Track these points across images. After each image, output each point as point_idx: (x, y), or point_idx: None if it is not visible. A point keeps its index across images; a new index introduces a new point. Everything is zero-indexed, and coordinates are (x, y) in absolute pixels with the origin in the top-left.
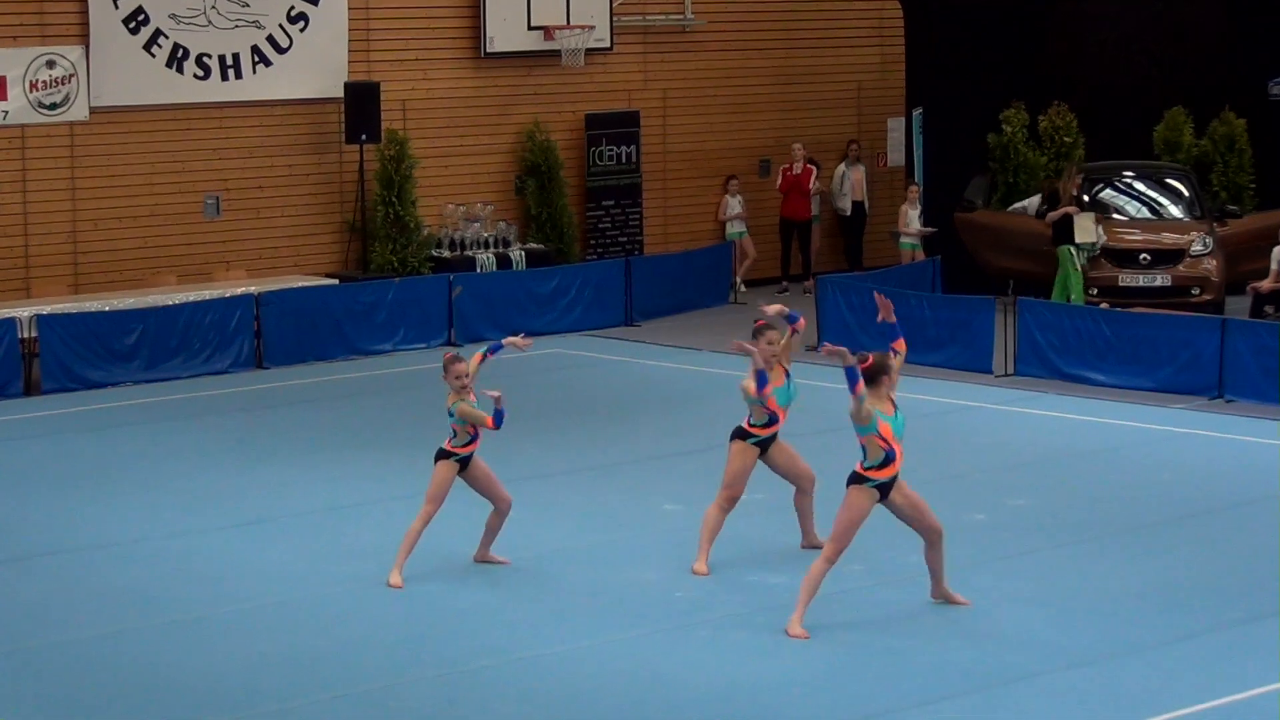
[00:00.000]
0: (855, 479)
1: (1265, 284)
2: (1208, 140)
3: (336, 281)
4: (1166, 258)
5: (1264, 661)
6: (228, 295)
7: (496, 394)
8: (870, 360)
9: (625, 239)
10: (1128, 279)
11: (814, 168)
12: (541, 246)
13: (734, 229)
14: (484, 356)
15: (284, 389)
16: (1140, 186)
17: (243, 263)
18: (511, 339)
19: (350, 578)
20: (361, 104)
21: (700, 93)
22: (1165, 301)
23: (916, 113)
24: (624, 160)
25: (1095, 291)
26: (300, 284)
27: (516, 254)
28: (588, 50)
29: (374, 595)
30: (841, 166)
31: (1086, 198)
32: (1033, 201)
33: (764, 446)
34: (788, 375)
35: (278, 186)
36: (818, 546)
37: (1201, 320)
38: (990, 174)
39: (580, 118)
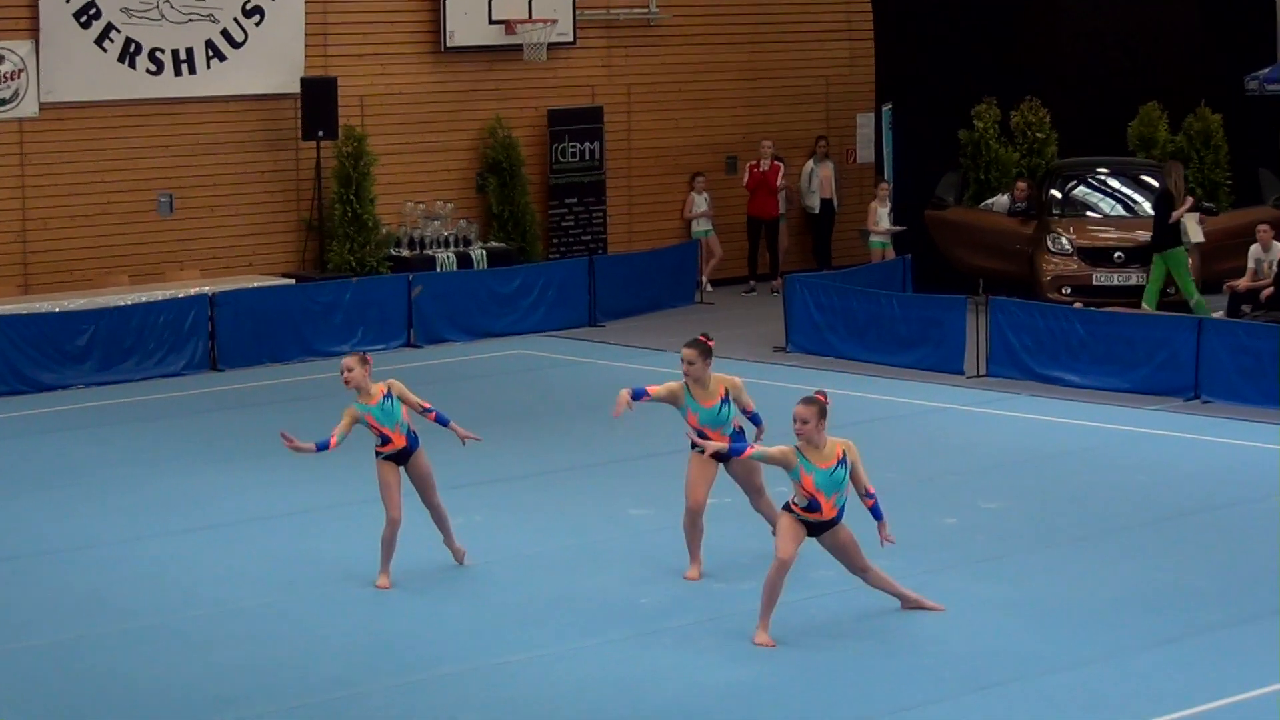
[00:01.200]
0: (786, 508)
1: (1242, 283)
2: (1183, 136)
3: (293, 281)
4: (1141, 256)
5: (1244, 666)
6: (181, 295)
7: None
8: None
9: (589, 237)
10: (1102, 278)
11: (781, 164)
12: (503, 245)
13: (700, 227)
14: (427, 412)
15: (239, 391)
16: (1114, 183)
17: (197, 262)
18: (459, 430)
19: (309, 584)
20: (318, 100)
21: (665, 88)
22: (1140, 301)
23: (886, 108)
24: (587, 157)
25: (1068, 290)
26: (256, 284)
27: (477, 253)
28: (550, 45)
29: (333, 602)
30: (810, 163)
31: (1059, 194)
32: (1002, 199)
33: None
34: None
35: (233, 184)
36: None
37: (1177, 320)
38: (962, 171)
39: (543, 114)
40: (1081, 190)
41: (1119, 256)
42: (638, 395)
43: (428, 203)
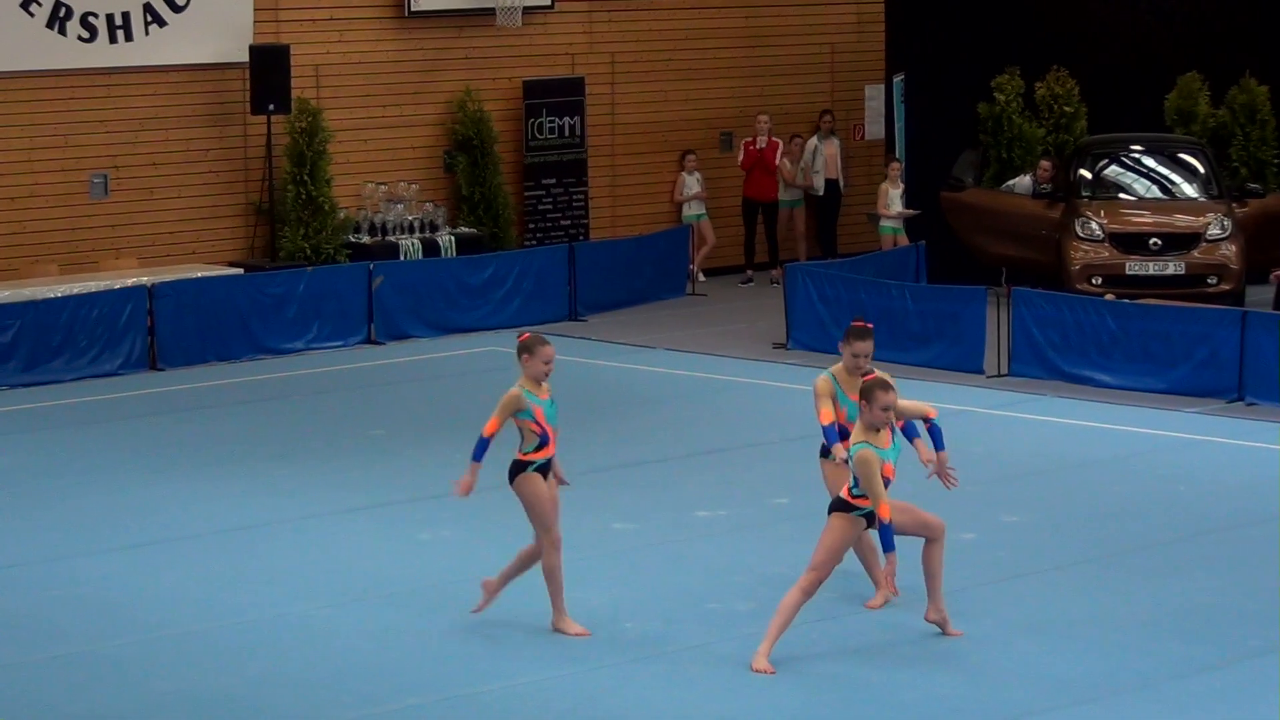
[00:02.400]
0: (840, 505)
1: None
2: (1226, 110)
3: (241, 271)
4: (1180, 242)
5: None
6: (117, 287)
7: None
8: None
9: (569, 222)
10: (1136, 267)
11: (780, 142)
12: (474, 231)
13: (691, 211)
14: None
15: (181, 393)
16: (1150, 163)
17: (134, 250)
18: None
19: (260, 606)
20: (269, 70)
21: (653, 57)
22: (1178, 292)
23: (898, 79)
24: (567, 133)
25: (1098, 281)
26: (199, 274)
27: (445, 239)
28: (526, 9)
29: (287, 626)
30: (813, 140)
31: (1089, 174)
32: (1024, 180)
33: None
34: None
35: (174, 163)
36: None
37: (1219, 313)
38: (981, 148)
39: (517, 85)
40: (1114, 170)
41: (1155, 243)
42: (835, 438)
43: (390, 184)
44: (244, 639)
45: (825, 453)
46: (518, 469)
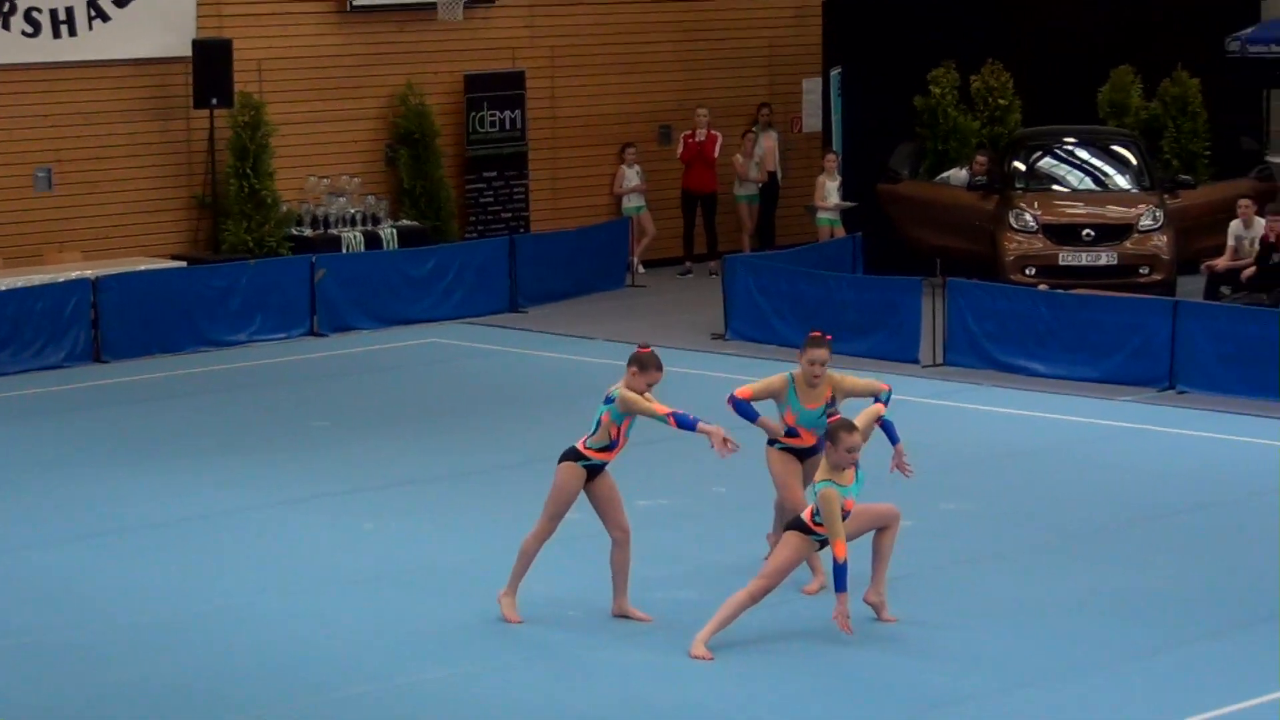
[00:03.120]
0: (800, 526)
1: (1221, 262)
2: (1158, 102)
3: (184, 264)
4: (1112, 233)
5: (1228, 680)
6: (61, 280)
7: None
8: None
9: (510, 215)
10: (1069, 257)
11: (719, 135)
12: (416, 224)
13: (631, 203)
14: (673, 419)
15: (126, 385)
16: (1083, 154)
17: (78, 243)
18: (709, 429)
19: (207, 597)
20: (212, 64)
21: (593, 51)
22: (1111, 282)
23: (835, 72)
24: (508, 127)
25: (1032, 271)
26: (143, 267)
27: (387, 232)
28: (467, 3)
29: (234, 616)
30: (752, 133)
31: (1023, 166)
32: (960, 173)
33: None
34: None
35: (117, 157)
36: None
37: (1151, 303)
38: (917, 141)
39: (459, 79)
40: (1047, 162)
41: (1088, 234)
42: (744, 410)
43: (332, 177)
44: (191, 629)
45: (772, 442)
46: (571, 456)
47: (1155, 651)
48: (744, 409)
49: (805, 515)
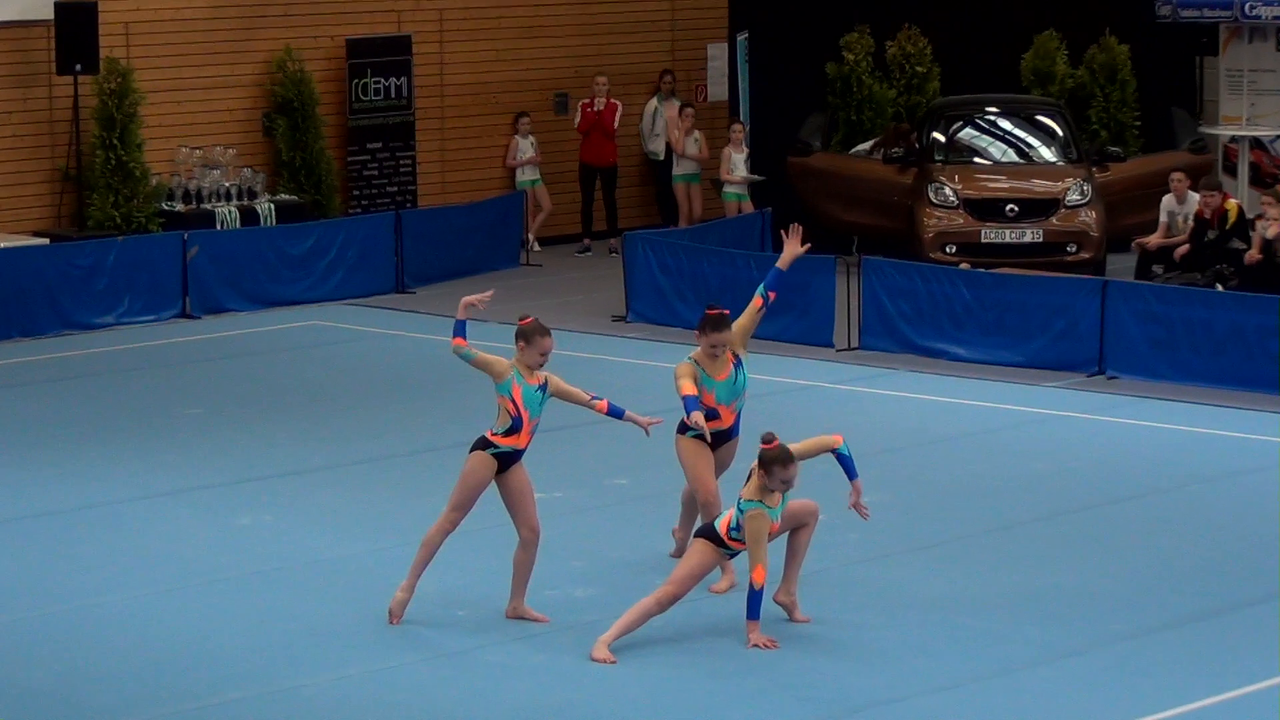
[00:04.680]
0: (712, 536)
1: (1153, 239)
2: (1085, 70)
3: (47, 241)
4: (1037, 209)
5: (1155, 682)
6: None
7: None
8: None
9: (395, 189)
10: (991, 234)
11: (618, 104)
12: (295, 198)
13: (525, 176)
14: (592, 403)
15: None
16: (1005, 125)
17: None
18: (636, 417)
19: (69, 596)
20: (75, 27)
21: (484, 14)
22: (1036, 261)
23: (742, 38)
24: (394, 95)
25: (953, 249)
26: (2, 245)
27: (264, 207)
28: None
29: (99, 617)
30: (653, 102)
31: (942, 138)
32: (867, 147)
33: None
34: (736, 363)
35: None
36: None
37: (1079, 283)
38: (829, 111)
39: (341, 44)
40: (968, 133)
41: (1012, 210)
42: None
43: (205, 148)
44: (52, 631)
45: (683, 429)
46: (479, 445)
47: (1080, 651)
48: (695, 404)
49: (721, 527)
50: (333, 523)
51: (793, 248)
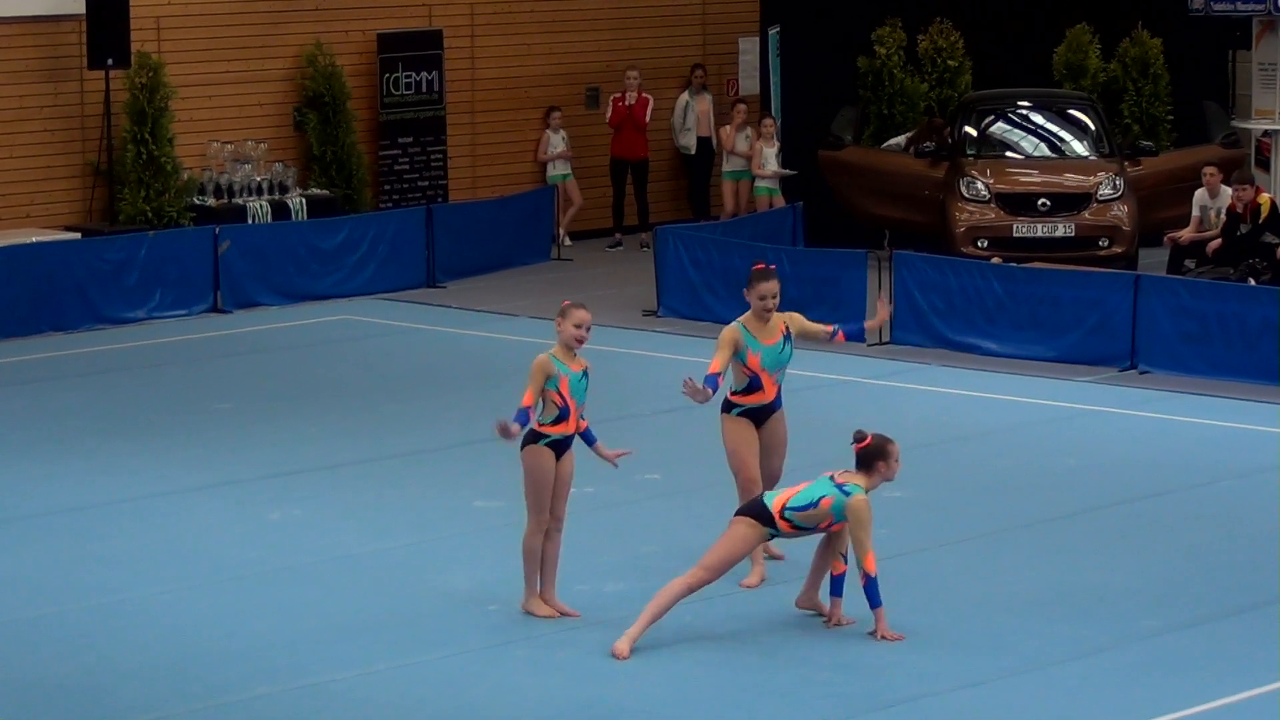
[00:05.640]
0: (759, 515)
1: (1185, 234)
2: (1117, 64)
3: (78, 235)
4: (1069, 203)
5: (1188, 679)
6: None
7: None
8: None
9: (426, 183)
10: (1024, 229)
11: (650, 98)
12: (326, 193)
13: (556, 171)
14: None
15: (15, 365)
16: (1038, 119)
17: None
18: (605, 452)
19: (99, 591)
20: (107, 21)
21: (515, 8)
22: (1068, 255)
23: (773, 31)
24: (424, 89)
25: (984, 244)
26: (34, 239)
27: (296, 201)
28: None
29: (127, 611)
30: (684, 96)
31: (974, 132)
32: (900, 141)
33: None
34: (786, 335)
35: (5, 121)
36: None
37: (1111, 277)
38: (861, 105)
39: (372, 39)
40: (1000, 127)
41: (1044, 204)
42: (712, 384)
43: (236, 143)
44: (81, 625)
45: (728, 407)
46: (530, 439)
47: (1111, 646)
48: (713, 383)
49: (775, 504)
50: (362, 518)
51: (882, 315)
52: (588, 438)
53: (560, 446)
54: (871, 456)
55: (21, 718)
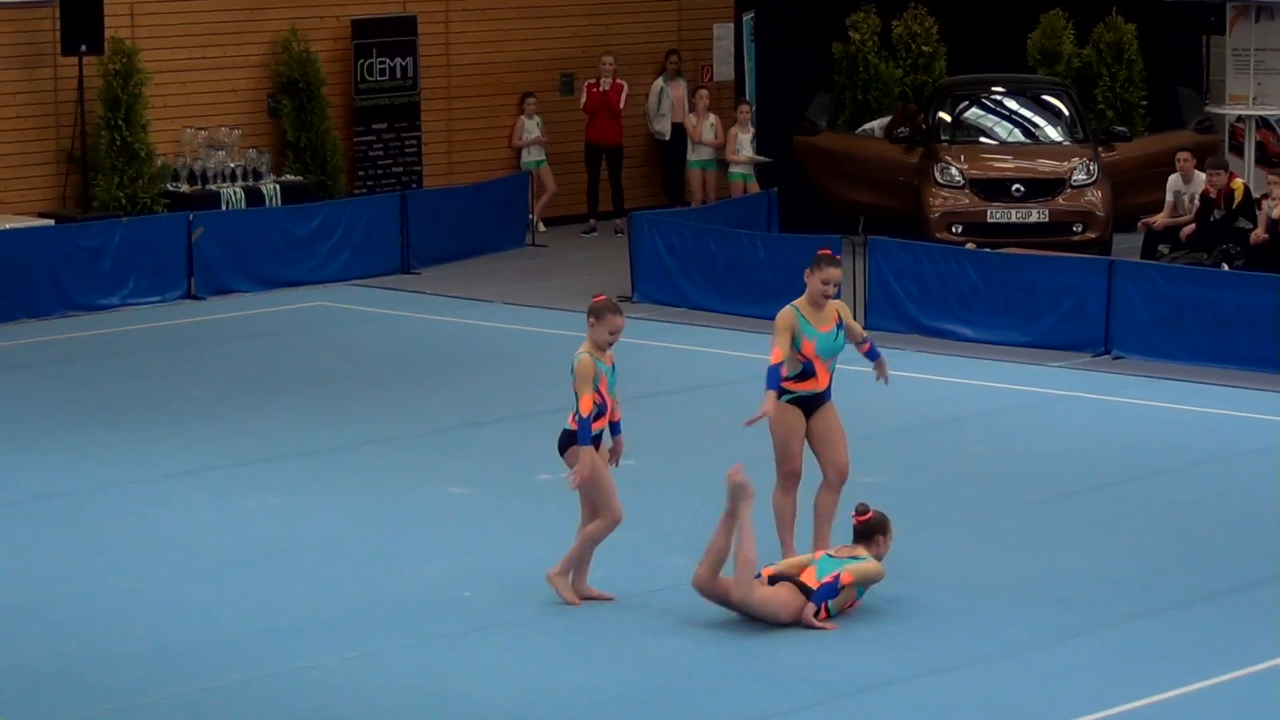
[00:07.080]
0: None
1: (1159, 219)
2: (1091, 49)
3: (51, 222)
4: (1043, 189)
5: (1162, 665)
6: None
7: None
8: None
9: (401, 169)
10: (998, 214)
11: (624, 84)
12: (300, 179)
13: (531, 157)
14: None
15: None
16: (1012, 105)
17: None
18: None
19: (74, 578)
20: (80, 7)
21: None
22: (1042, 240)
23: (748, 17)
24: (399, 75)
25: (959, 229)
26: (7, 225)
27: (270, 188)
28: None
29: (103, 599)
30: (659, 82)
31: (948, 117)
32: (882, 124)
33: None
34: (838, 323)
35: None
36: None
37: (1085, 262)
38: (836, 90)
39: (346, 24)
40: (974, 113)
41: (1018, 190)
42: (775, 384)
43: (211, 129)
44: (57, 612)
45: (782, 393)
46: (570, 439)
47: (1087, 631)
48: (775, 377)
49: (809, 579)
50: (339, 504)
51: (882, 375)
52: (615, 429)
53: (598, 441)
54: (872, 530)
55: (0, 704)
